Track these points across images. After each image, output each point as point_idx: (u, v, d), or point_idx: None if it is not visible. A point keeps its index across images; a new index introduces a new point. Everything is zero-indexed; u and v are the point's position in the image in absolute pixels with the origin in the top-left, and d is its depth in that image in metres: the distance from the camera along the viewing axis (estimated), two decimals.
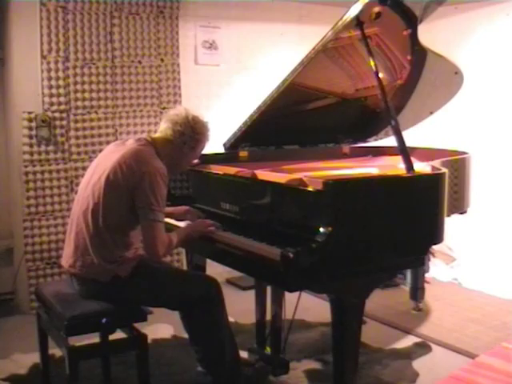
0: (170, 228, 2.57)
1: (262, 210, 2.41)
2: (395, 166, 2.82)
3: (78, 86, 4.00)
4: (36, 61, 3.84)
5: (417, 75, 3.11)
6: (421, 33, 2.82)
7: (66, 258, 2.44)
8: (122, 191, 2.31)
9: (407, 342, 3.35)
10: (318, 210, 2.09)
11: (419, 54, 2.95)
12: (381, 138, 3.55)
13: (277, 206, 2.34)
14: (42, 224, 3.94)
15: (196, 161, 2.66)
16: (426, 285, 3.85)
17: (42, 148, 3.90)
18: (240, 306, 3.50)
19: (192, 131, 2.45)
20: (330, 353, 2.26)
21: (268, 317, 2.96)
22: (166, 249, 2.35)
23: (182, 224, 2.67)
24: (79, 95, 4.00)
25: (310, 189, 2.17)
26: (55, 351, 2.80)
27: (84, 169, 3.49)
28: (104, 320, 2.27)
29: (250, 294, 3.12)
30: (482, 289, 4.27)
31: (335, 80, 3.09)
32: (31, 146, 3.87)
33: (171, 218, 2.71)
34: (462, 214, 3.08)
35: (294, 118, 3.12)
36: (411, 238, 2.26)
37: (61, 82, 3.92)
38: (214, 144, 3.06)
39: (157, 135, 2.51)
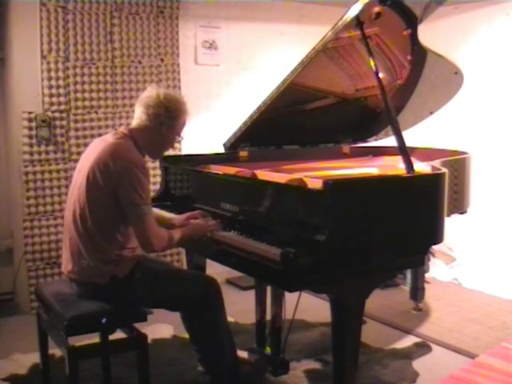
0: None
1: (262, 210, 2.40)
2: (395, 166, 2.83)
3: (78, 86, 4.00)
4: (36, 61, 3.84)
5: (417, 75, 3.11)
6: (421, 33, 2.82)
7: (65, 263, 2.43)
8: (104, 191, 2.27)
9: (407, 341, 3.34)
10: (317, 210, 2.09)
11: (419, 54, 2.95)
12: (381, 138, 3.55)
13: (277, 206, 2.34)
14: (42, 224, 3.94)
15: (180, 138, 2.50)
16: (426, 285, 3.85)
17: (42, 148, 3.90)
18: (240, 306, 3.50)
19: (166, 110, 2.36)
20: (330, 353, 2.26)
21: (268, 317, 2.96)
22: (166, 242, 2.32)
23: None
24: (79, 95, 4.00)
25: (310, 189, 2.17)
26: (55, 351, 2.80)
27: None
28: (104, 320, 2.27)
29: (250, 294, 3.12)
30: (482, 289, 4.27)
31: (335, 80, 3.09)
32: (31, 146, 3.87)
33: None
34: (462, 214, 3.08)
35: (294, 118, 3.12)
36: (411, 238, 2.26)
37: (61, 82, 3.92)
38: (214, 144, 3.07)
39: (134, 123, 2.44)
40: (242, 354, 2.89)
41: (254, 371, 2.83)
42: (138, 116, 2.42)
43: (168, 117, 2.37)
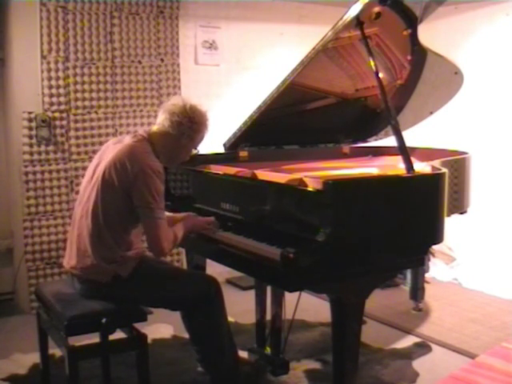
0: None
1: (262, 209, 2.40)
2: (395, 166, 2.82)
3: (78, 86, 4.00)
4: (36, 61, 3.85)
5: (417, 75, 3.11)
6: (421, 33, 2.82)
7: (68, 258, 2.44)
8: (118, 190, 2.29)
9: (407, 341, 3.35)
10: (317, 210, 2.09)
11: (419, 54, 2.95)
12: (381, 138, 3.55)
13: (277, 206, 2.34)
14: (42, 224, 3.94)
15: (196, 151, 2.57)
16: (426, 285, 3.86)
17: (42, 148, 3.90)
18: (240, 306, 3.50)
19: (190, 121, 2.39)
20: (330, 353, 2.26)
21: (268, 317, 2.96)
22: (172, 244, 2.35)
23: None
24: (79, 95, 4.00)
25: (309, 189, 2.17)
26: (55, 351, 2.80)
27: (84, 169, 3.49)
28: (104, 320, 2.27)
29: (250, 294, 3.12)
30: (482, 289, 4.27)
31: (335, 80, 3.09)
32: (31, 146, 3.87)
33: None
34: (462, 214, 3.08)
35: (294, 118, 3.12)
36: (411, 238, 2.26)
37: (61, 82, 3.92)
38: (214, 144, 3.07)
39: (154, 128, 2.47)
40: (242, 353, 2.89)
41: (253, 371, 2.83)
42: (161, 122, 2.44)
43: (190, 128, 2.41)
